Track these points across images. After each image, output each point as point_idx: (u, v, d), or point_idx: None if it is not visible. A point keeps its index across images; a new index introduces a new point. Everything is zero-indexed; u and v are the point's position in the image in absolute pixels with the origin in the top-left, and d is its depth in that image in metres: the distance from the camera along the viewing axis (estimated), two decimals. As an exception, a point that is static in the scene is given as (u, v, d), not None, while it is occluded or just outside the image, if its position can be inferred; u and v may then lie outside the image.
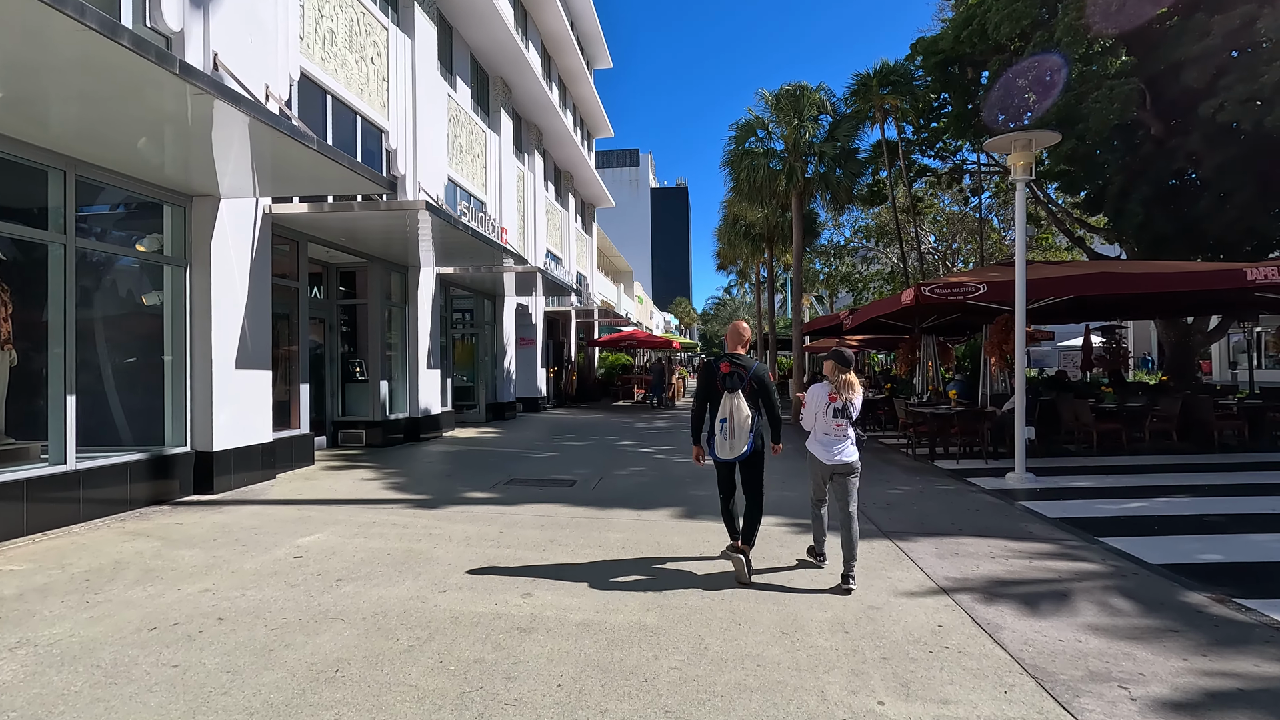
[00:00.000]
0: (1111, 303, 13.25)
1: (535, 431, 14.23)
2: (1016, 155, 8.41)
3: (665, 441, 12.57)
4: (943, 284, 9.42)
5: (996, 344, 11.26)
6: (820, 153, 16.12)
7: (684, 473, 8.99)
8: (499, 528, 5.90)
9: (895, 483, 8.40)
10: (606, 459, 10.26)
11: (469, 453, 10.93)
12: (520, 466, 9.44)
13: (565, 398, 23.81)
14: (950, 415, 10.14)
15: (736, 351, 4.72)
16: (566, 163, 24.44)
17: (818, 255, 39.34)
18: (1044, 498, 7.43)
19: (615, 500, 7.16)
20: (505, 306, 17.29)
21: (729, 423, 4.49)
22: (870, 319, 14.79)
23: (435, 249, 10.98)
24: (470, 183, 15.34)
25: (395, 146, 11.52)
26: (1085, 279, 8.93)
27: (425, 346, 12.34)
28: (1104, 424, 10.36)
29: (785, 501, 6.94)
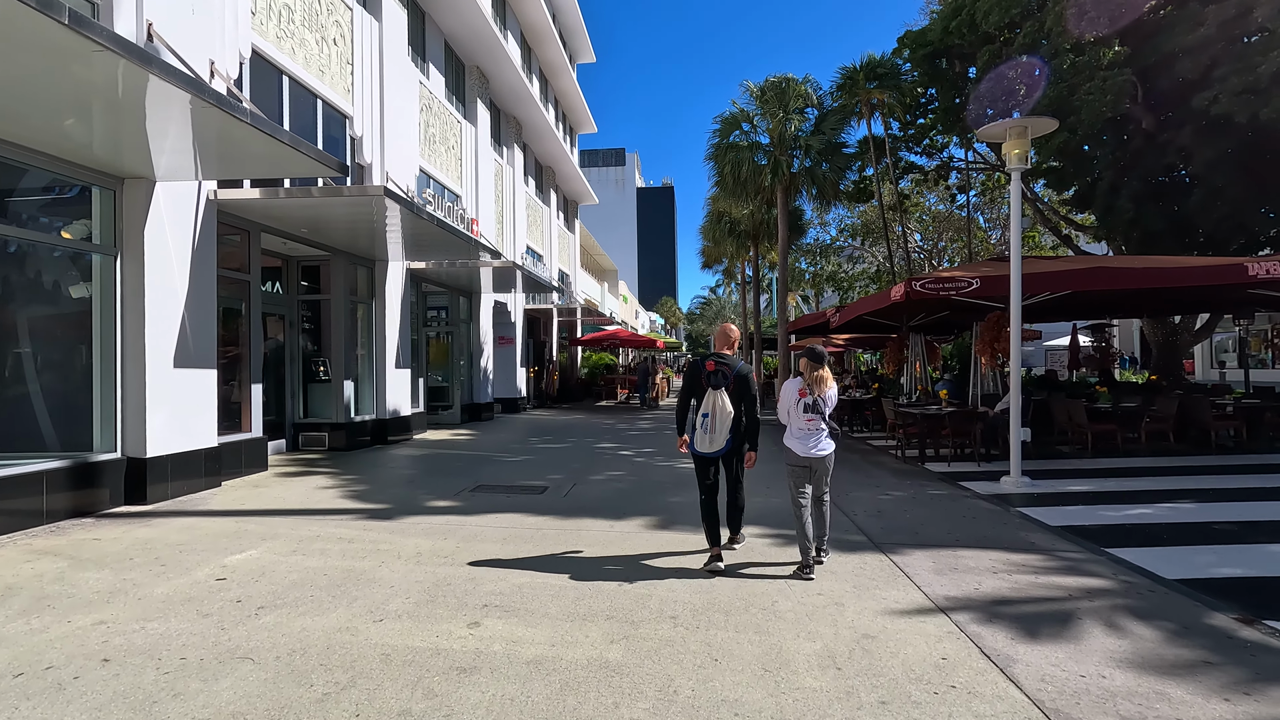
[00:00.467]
0: (1101, 301, 12.96)
1: (511, 433, 13.67)
2: (1012, 143, 8.01)
3: (646, 444, 12.07)
4: (934, 279, 9.01)
5: (988, 342, 10.88)
6: (806, 146, 15.72)
7: (664, 477, 8.50)
8: (456, 541, 5.37)
9: (886, 487, 7.97)
10: (583, 463, 9.74)
11: (438, 456, 10.36)
12: (490, 471, 8.90)
13: (546, 398, 23.25)
14: (941, 416, 9.74)
15: (723, 352, 4.92)
16: (548, 158, 23.88)
17: (804, 254, 39.07)
18: (1042, 503, 7.02)
19: (587, 509, 6.64)
20: (482, 304, 16.71)
21: (710, 417, 4.66)
22: (857, 317, 14.42)
23: (404, 241, 10.40)
24: (444, 174, 14.75)
25: (360, 133, 10.92)
26: (1084, 274, 8.55)
27: (394, 345, 11.75)
28: (1099, 425, 10.00)
29: (769, 510, 6.47)
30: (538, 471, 8.90)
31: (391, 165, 11.60)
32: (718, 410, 4.63)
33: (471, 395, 16.32)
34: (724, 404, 4.64)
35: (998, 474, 8.54)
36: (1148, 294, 11.77)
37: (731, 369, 4.74)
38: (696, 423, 4.74)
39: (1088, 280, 8.52)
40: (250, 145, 5.89)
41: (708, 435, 4.68)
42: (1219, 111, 11.35)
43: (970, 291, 8.89)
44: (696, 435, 4.74)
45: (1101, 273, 8.55)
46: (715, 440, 4.68)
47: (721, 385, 4.67)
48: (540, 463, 9.73)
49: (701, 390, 4.74)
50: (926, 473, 9.04)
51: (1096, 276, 8.51)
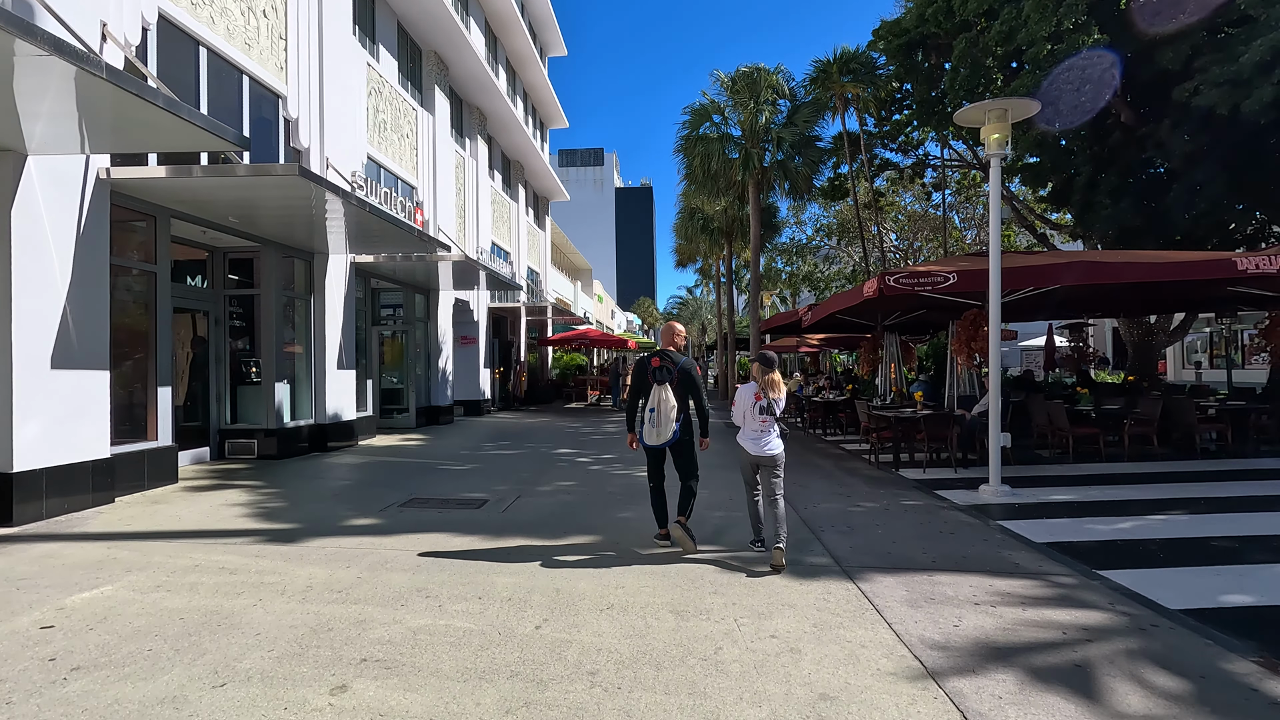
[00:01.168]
0: (1080, 299, 12.54)
1: (466, 439, 12.88)
2: (991, 127, 7.46)
3: (607, 449, 11.37)
4: (909, 274, 8.44)
5: (964, 341, 10.36)
6: (778, 139, 15.14)
7: (617, 488, 7.81)
8: (359, 571, 4.62)
9: (857, 497, 7.35)
10: (534, 471, 9.01)
11: (379, 465, 9.56)
12: (430, 482, 8.13)
13: (514, 400, 22.45)
14: (916, 419, 9.17)
15: (668, 349, 5.13)
16: (515, 151, 23.07)
17: (779, 254, 38.67)
18: (1024, 515, 6.45)
19: (525, 526, 5.92)
20: (441, 302, 15.88)
21: (656, 412, 4.87)
22: (831, 317, 13.87)
23: (343, 232, 9.59)
24: (397, 164, 13.92)
25: (296, 115, 10.08)
26: (1068, 268, 8.03)
27: (336, 343, 10.91)
28: (1080, 428, 9.52)
29: (730, 525, 5.81)
30: (482, 482, 8.15)
31: (333, 151, 10.76)
32: (662, 404, 4.87)
33: (429, 398, 15.48)
34: (668, 398, 4.88)
35: (976, 482, 7.99)
36: (1129, 291, 11.36)
37: (675, 365, 4.98)
38: (645, 417, 4.95)
39: (1073, 275, 8.00)
40: (129, 111, 5.08)
41: (654, 429, 4.89)
42: (1200, 103, 10.96)
43: (946, 287, 8.33)
44: (645, 429, 4.95)
45: (1087, 267, 8.03)
46: (661, 433, 4.88)
47: (666, 380, 4.92)
48: (488, 472, 8.98)
49: (649, 386, 4.95)
50: (901, 480, 8.46)
51: (1082, 271, 7.99)
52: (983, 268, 8.44)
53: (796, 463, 9.95)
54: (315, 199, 7.47)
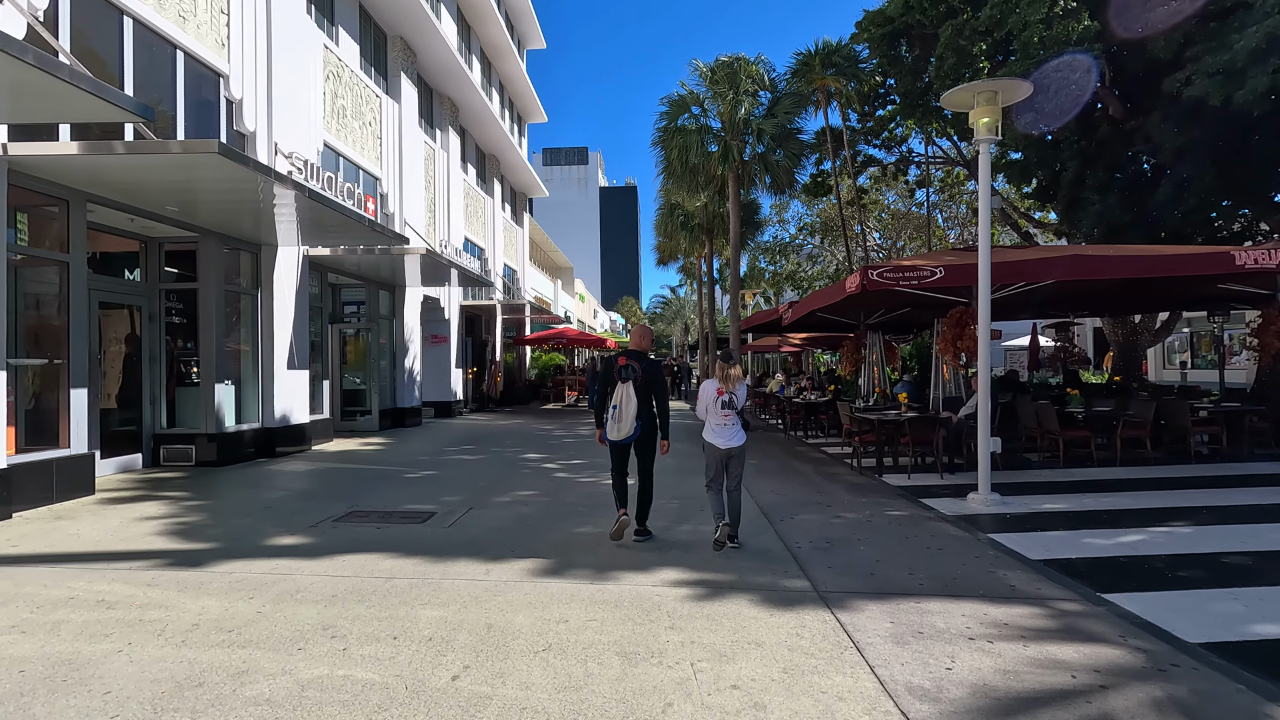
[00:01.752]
0: (1068, 296, 12.13)
1: (430, 443, 12.22)
2: (980, 110, 6.97)
3: (578, 454, 10.77)
4: (893, 268, 7.93)
5: (950, 340, 9.88)
6: (759, 131, 14.62)
7: (580, 498, 7.22)
8: (263, 603, 3.99)
9: (838, 507, 6.83)
10: (494, 479, 8.40)
11: (327, 472, 8.89)
12: (377, 493, 7.49)
13: (488, 401, 21.76)
14: (900, 422, 8.68)
15: (636, 350, 5.33)
16: (491, 145, 22.39)
17: (763, 252, 38.27)
18: (1017, 527, 5.96)
19: (469, 544, 5.32)
20: (407, 298, 15.18)
21: (619, 408, 5.10)
22: (814, 316, 13.38)
23: (293, 221, 8.91)
24: (358, 153, 13.22)
25: (240, 96, 9.37)
26: (1061, 262, 7.56)
27: (285, 342, 10.21)
28: (1071, 431, 9.08)
29: (696, 543, 5.24)
30: (434, 492, 7.52)
31: (284, 136, 10.07)
32: (625, 402, 5.08)
33: (394, 399, 14.79)
34: (631, 396, 5.08)
35: (963, 489, 7.50)
36: (1118, 289, 10.98)
37: (641, 364, 5.16)
38: (609, 414, 5.15)
39: (1065, 269, 7.53)
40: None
41: (616, 425, 5.11)
42: (1191, 94, 10.59)
43: (933, 282, 7.83)
44: (609, 425, 5.16)
45: (1080, 261, 7.57)
46: (623, 429, 5.10)
47: (630, 379, 5.11)
48: (444, 480, 8.35)
49: (614, 384, 5.15)
50: (885, 487, 7.96)
51: (1075, 265, 7.53)
52: (971, 262, 7.97)
53: (776, 468, 9.43)
54: (241, 181, 6.79)
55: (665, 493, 7.10)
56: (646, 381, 5.15)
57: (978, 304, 7.09)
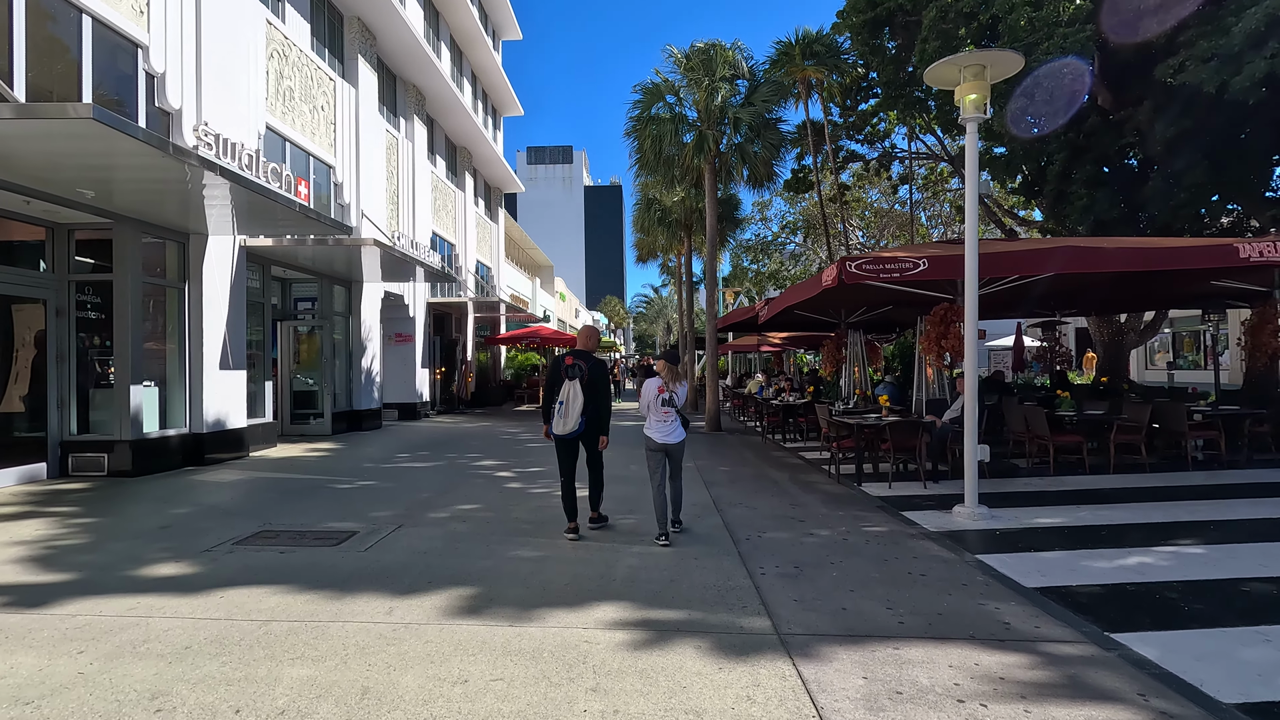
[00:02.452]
0: (1057, 293, 11.59)
1: (383, 448, 11.42)
2: (967, 86, 6.35)
3: (539, 460, 10.04)
4: (873, 259, 7.30)
5: (934, 339, 9.27)
6: (736, 119, 13.96)
7: (528, 512, 6.49)
8: (91, 658, 3.23)
9: (812, 522, 6.17)
10: (438, 489, 7.64)
11: (254, 484, 8.09)
12: (301, 507, 6.72)
13: (458, 402, 20.94)
14: (881, 426, 8.04)
15: (584, 349, 5.60)
16: (462, 137, 21.57)
17: (745, 251, 37.70)
18: (1008, 546, 5.33)
19: (380, 574, 4.58)
20: (365, 294, 14.35)
21: (565, 405, 5.33)
22: (793, 314, 12.75)
23: (222, 207, 8.11)
24: (308, 138, 12.38)
25: (162, 70, 8.54)
26: (1055, 254, 6.96)
27: (217, 339, 9.39)
28: (1062, 436, 8.50)
29: (643, 575, 4.54)
30: (365, 506, 6.77)
31: (215, 115, 9.23)
32: (570, 399, 5.32)
33: (350, 401, 13.96)
34: (576, 393, 5.32)
35: (949, 500, 6.89)
36: (1111, 285, 10.46)
37: (587, 364, 5.41)
38: (555, 410, 5.38)
39: (1060, 261, 6.93)
40: None
41: (562, 420, 5.35)
42: (1185, 81, 10.08)
43: (916, 275, 7.21)
44: (555, 420, 5.38)
45: (1076, 253, 6.97)
46: (568, 424, 5.35)
47: (576, 377, 5.35)
48: (382, 491, 7.59)
49: (562, 381, 5.36)
50: (864, 498, 7.32)
51: (1071, 257, 6.92)
52: (957, 253, 7.36)
53: (749, 476, 8.77)
54: (133, 156, 5.99)
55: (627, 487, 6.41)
56: (592, 380, 5.40)
57: (964, 300, 6.46)
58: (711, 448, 11.81)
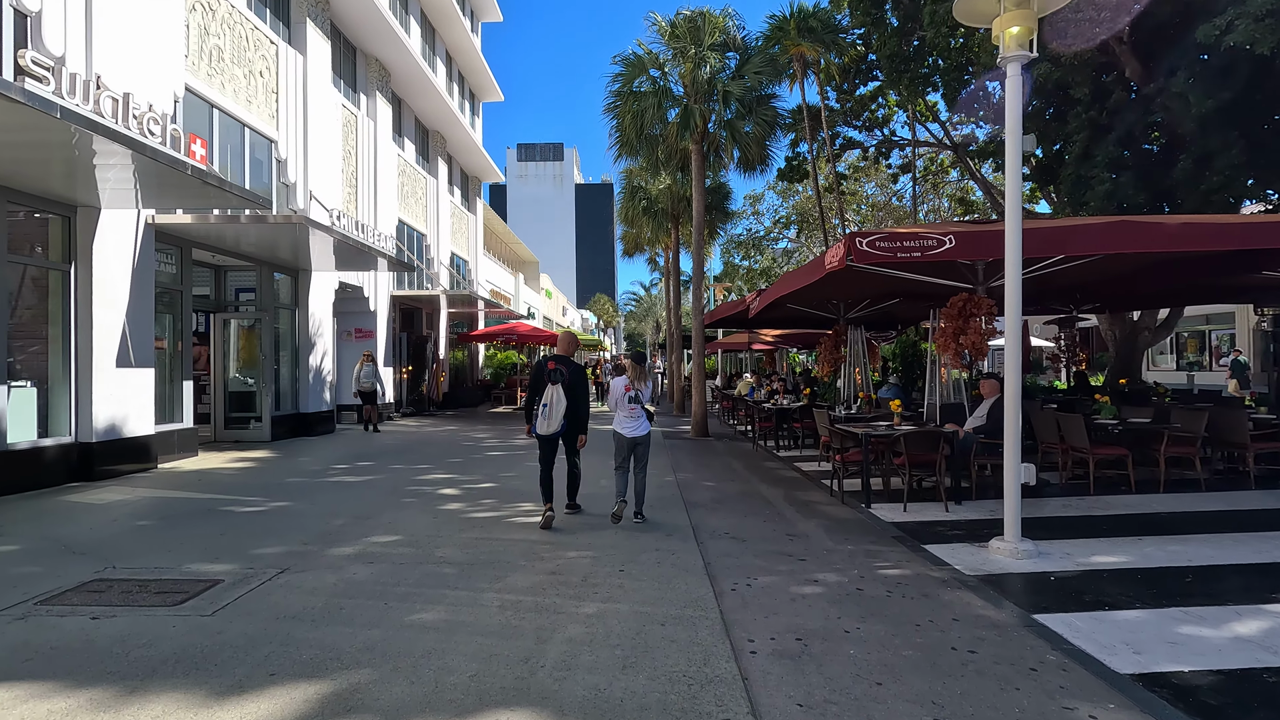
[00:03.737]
0: (1080, 285, 10.38)
1: (319, 458, 10.04)
2: (1009, 17, 5.10)
3: (496, 472, 8.69)
4: (888, 236, 6.01)
5: (951, 334, 8.01)
6: (725, 94, 12.66)
7: (456, 549, 5.16)
8: None
9: (814, 559, 4.88)
10: (357, 513, 6.29)
11: (136, 506, 6.70)
12: (167, 543, 5.35)
13: (429, 403, 19.54)
14: (895, 437, 6.76)
15: (564, 355, 6.08)
16: (434, 119, 20.16)
17: (736, 247, 36.45)
18: (1074, 601, 4.07)
19: (213, 654, 3.24)
20: (314, 284, 12.95)
21: (549, 407, 5.75)
22: (785, 309, 11.48)
23: (134, 176, 6.75)
24: (243, 107, 10.97)
25: (38, 8, 7.14)
26: (1112, 230, 5.70)
27: (115, 332, 8.00)
28: (1102, 448, 7.25)
29: (599, 671, 3.23)
30: (254, 540, 5.41)
31: (111, 68, 7.83)
32: (554, 401, 5.74)
33: (296, 403, 12.55)
34: (559, 396, 5.75)
35: (979, 529, 5.65)
36: (1146, 273, 9.23)
37: (568, 369, 5.87)
38: (539, 411, 5.78)
39: (1116, 239, 5.66)
40: None
41: (545, 421, 5.76)
42: (1234, 42, 8.87)
43: (940, 253, 5.92)
44: (539, 421, 5.78)
45: (1136, 229, 5.71)
46: (551, 425, 5.75)
47: (559, 381, 5.78)
48: (290, 516, 6.23)
49: (545, 385, 5.79)
50: (875, 524, 6.04)
51: (1129, 234, 5.66)
52: (990, 230, 6.10)
53: (737, 494, 7.47)
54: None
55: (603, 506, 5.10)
56: (572, 383, 5.82)
57: (1006, 281, 5.19)
58: (697, 457, 10.51)
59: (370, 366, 13.95)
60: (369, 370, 13.90)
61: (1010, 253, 5.14)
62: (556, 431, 5.76)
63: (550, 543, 5.34)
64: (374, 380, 13.91)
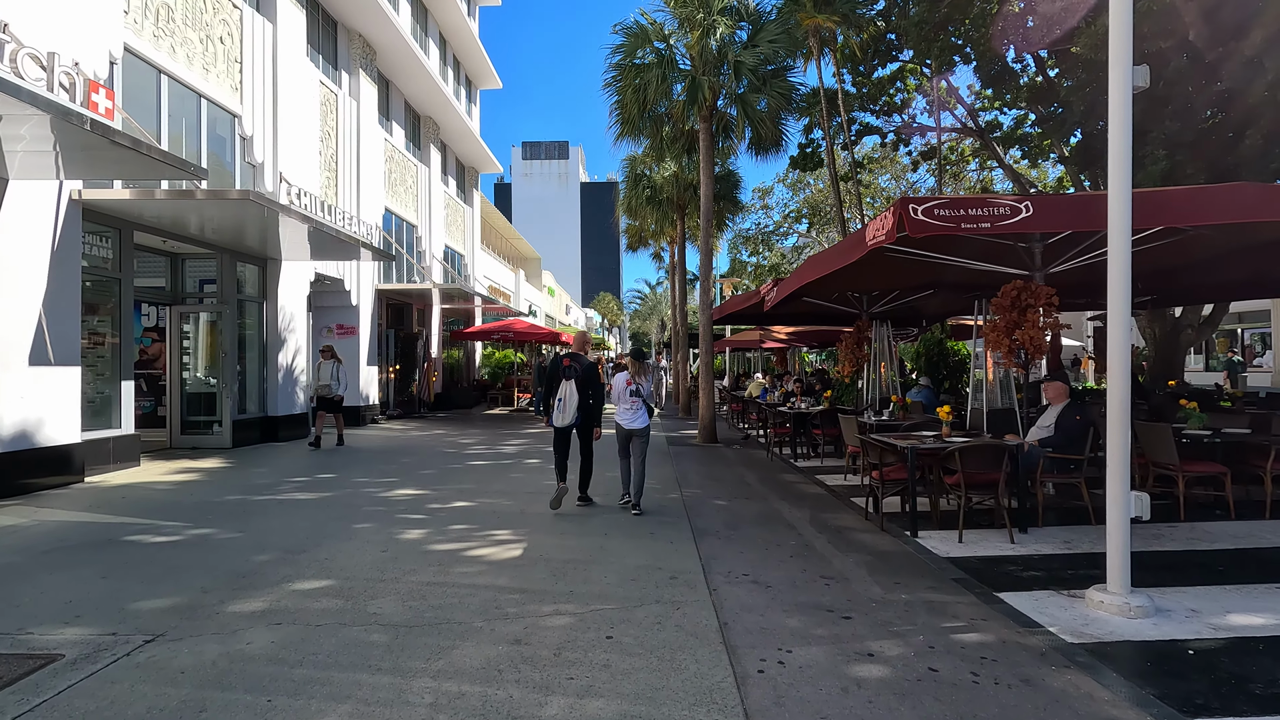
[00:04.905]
0: (1143, 273, 9.12)
1: (276, 469, 8.89)
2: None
3: (484, 482, 7.52)
4: (949, 202, 4.81)
5: (1003, 330, 6.83)
6: (736, 65, 11.46)
7: (394, 602, 3.98)
8: None
9: (862, 617, 3.69)
10: (291, 545, 5.13)
11: (25, 535, 5.57)
12: (17, 595, 4.21)
13: (420, 405, 18.40)
14: (949, 453, 5.55)
15: (578, 352, 6.51)
16: (426, 104, 19.02)
17: (744, 243, 35.21)
18: (1235, 691, 2.88)
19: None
20: (284, 275, 11.81)
21: (563, 401, 6.23)
22: (799, 302, 10.26)
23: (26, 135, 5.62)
24: (198, 75, 9.84)
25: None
26: (1243, 194, 4.49)
27: (28, 324, 6.87)
28: (1195, 464, 6.03)
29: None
30: (146, 584, 4.25)
31: (35, 24, 6.71)
32: (568, 396, 6.21)
33: (264, 405, 11.42)
34: (573, 391, 6.22)
35: (1057, 567, 4.49)
36: (1221, 262, 7.99)
37: (581, 366, 6.31)
38: (554, 405, 6.26)
39: (1247, 204, 4.45)
40: None
41: (561, 414, 6.23)
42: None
43: (1015, 224, 4.73)
44: (555, 414, 6.26)
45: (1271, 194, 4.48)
46: (565, 417, 6.22)
47: (572, 377, 6.25)
48: (207, 550, 5.08)
49: (559, 381, 6.27)
50: (927, 560, 4.84)
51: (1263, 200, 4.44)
52: (1077, 197, 4.89)
53: (755, 517, 6.27)
54: None
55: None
56: (585, 378, 6.30)
57: (1110, 255, 3.99)
58: (705, 468, 9.32)
59: (333, 365, 10.95)
60: (330, 369, 10.90)
61: (1117, 217, 3.95)
62: (571, 423, 6.23)
63: (519, 590, 4.16)
64: (336, 382, 10.92)
